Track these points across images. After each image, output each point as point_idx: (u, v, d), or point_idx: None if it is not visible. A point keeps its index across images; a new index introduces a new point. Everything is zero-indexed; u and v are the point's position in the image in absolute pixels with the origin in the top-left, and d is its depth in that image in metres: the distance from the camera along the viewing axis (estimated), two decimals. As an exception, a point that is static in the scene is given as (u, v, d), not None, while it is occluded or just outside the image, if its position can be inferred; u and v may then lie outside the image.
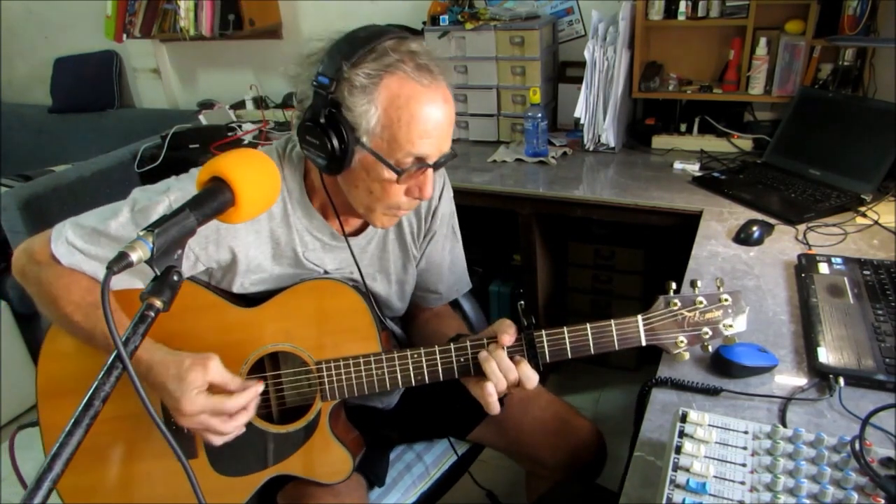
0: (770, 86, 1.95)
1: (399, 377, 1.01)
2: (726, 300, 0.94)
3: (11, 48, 3.63)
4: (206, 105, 2.91)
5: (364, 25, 0.97)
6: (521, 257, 2.12)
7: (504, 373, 0.94)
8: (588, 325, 0.95)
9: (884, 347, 0.99)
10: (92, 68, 3.32)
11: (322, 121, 0.92)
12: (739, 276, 1.29)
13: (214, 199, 0.72)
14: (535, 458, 1.25)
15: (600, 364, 2.46)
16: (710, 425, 0.80)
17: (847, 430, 0.84)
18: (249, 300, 1.07)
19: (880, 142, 1.60)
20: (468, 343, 0.98)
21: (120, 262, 0.62)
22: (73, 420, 0.56)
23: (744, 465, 0.75)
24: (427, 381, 1.00)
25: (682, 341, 0.94)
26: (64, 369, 1.06)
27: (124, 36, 2.97)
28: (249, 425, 1.00)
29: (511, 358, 0.95)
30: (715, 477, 0.73)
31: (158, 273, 0.65)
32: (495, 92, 2.22)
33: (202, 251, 1.01)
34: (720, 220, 1.56)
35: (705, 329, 0.94)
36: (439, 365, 0.99)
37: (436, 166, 0.97)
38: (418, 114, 0.91)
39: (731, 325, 0.93)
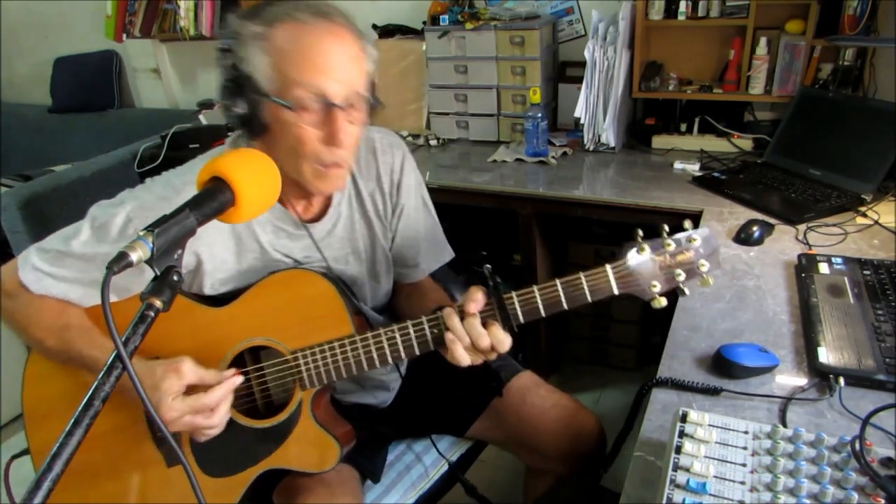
0: (770, 86, 1.95)
1: (375, 356, 0.99)
2: (695, 240, 0.90)
3: (11, 48, 3.63)
4: (206, 105, 2.90)
5: None
6: (521, 257, 2.12)
7: (475, 339, 0.92)
8: (558, 281, 0.93)
9: (884, 347, 0.99)
10: (92, 68, 3.32)
11: (228, 84, 0.95)
12: (739, 276, 1.29)
13: (214, 199, 0.72)
14: (536, 447, 1.24)
15: (600, 364, 2.46)
16: (710, 425, 0.80)
17: (847, 430, 0.84)
18: (222, 300, 1.06)
19: (880, 142, 1.60)
20: (440, 313, 0.96)
21: (120, 262, 0.62)
22: (73, 420, 0.56)
23: (744, 465, 0.75)
24: (404, 357, 0.99)
25: (655, 286, 0.91)
26: (48, 390, 1.06)
27: (124, 36, 2.97)
28: (234, 423, 1.01)
29: (485, 323, 0.93)
30: (715, 477, 0.73)
31: (158, 273, 0.65)
32: (495, 92, 2.22)
33: None
34: (720, 220, 1.56)
35: (678, 271, 0.90)
36: (413, 339, 0.97)
37: (342, 107, 0.94)
38: (308, 48, 0.91)
39: (704, 265, 0.90)
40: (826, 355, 0.99)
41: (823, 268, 1.22)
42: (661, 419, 0.92)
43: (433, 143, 2.33)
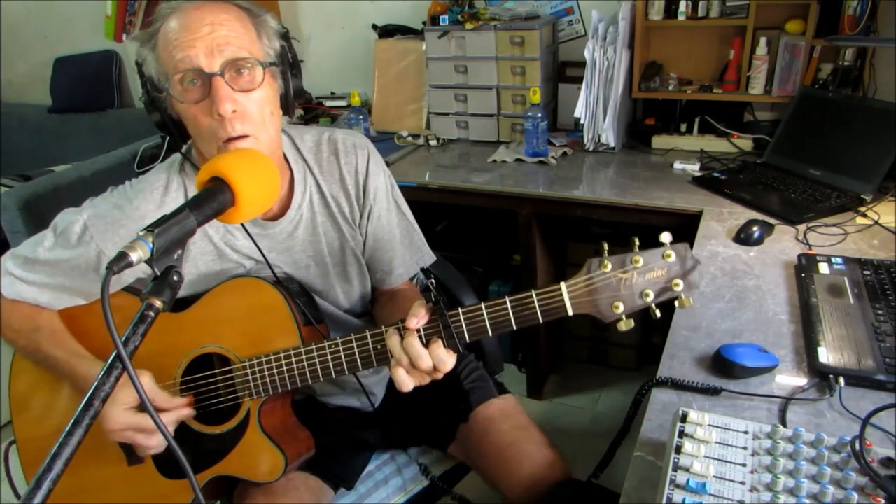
0: (770, 86, 1.95)
1: (319, 369, 0.98)
2: (669, 256, 0.80)
3: (11, 48, 3.63)
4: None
5: None
6: (521, 257, 2.12)
7: (414, 359, 0.86)
8: (507, 299, 0.86)
9: (884, 347, 0.99)
10: (92, 68, 3.32)
11: (142, 97, 0.98)
12: (739, 276, 1.29)
13: (214, 200, 0.72)
14: (493, 483, 1.20)
15: (600, 364, 2.46)
16: (710, 425, 0.80)
17: (847, 430, 0.84)
18: (181, 304, 1.06)
19: (880, 142, 1.60)
20: (384, 329, 0.92)
21: (120, 262, 0.62)
22: (73, 420, 0.57)
23: (744, 465, 0.75)
24: (348, 372, 0.97)
25: (618, 307, 0.81)
26: (31, 385, 1.10)
27: (124, 36, 2.97)
28: (186, 428, 1.03)
29: (427, 341, 0.88)
30: (715, 477, 0.73)
31: (158, 273, 0.65)
32: (495, 92, 2.22)
33: None
34: (720, 220, 1.56)
35: (646, 291, 0.80)
36: (356, 353, 0.95)
37: (218, 74, 0.90)
38: (177, 27, 0.90)
39: (678, 284, 0.80)
40: (826, 355, 0.99)
41: (823, 268, 1.22)
42: (660, 419, 0.92)
43: (433, 143, 2.33)
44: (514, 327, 0.87)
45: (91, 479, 1.07)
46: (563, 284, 0.84)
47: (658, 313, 0.82)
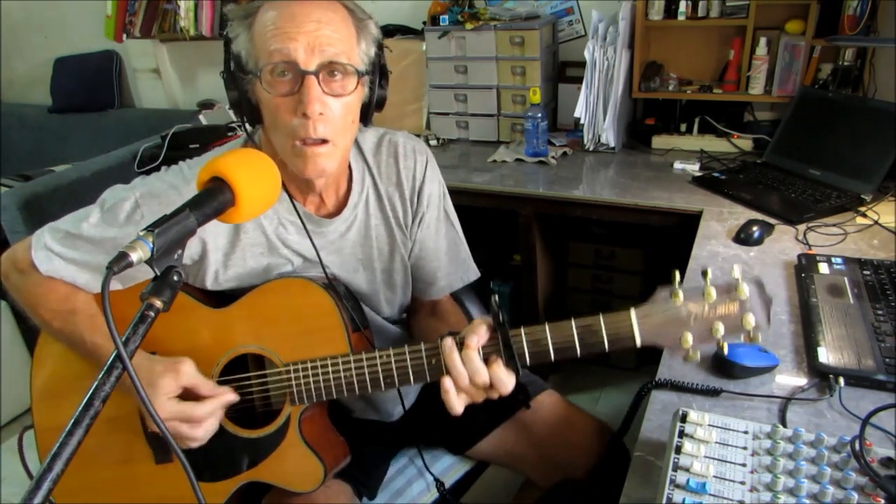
0: (770, 86, 1.95)
1: (367, 379, 0.93)
2: (743, 292, 0.77)
3: (11, 48, 3.63)
4: (206, 105, 2.90)
5: None
6: (521, 257, 2.12)
7: (471, 374, 0.84)
8: (573, 322, 0.83)
9: (884, 347, 0.99)
10: (92, 68, 3.32)
11: (224, 72, 0.94)
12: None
13: (214, 200, 0.72)
14: (562, 461, 1.18)
15: (600, 364, 2.46)
16: (710, 425, 0.80)
17: (847, 430, 0.84)
18: (220, 299, 1.04)
19: (880, 142, 1.60)
20: (440, 341, 0.89)
21: (120, 262, 0.61)
22: (73, 420, 0.57)
23: (744, 465, 0.75)
24: (398, 385, 0.93)
25: (687, 340, 0.79)
26: (56, 372, 1.06)
27: (124, 36, 2.97)
28: (222, 430, 0.98)
29: (487, 358, 0.85)
30: (715, 477, 0.73)
31: (158, 273, 0.65)
32: (495, 92, 2.22)
33: None
34: (720, 220, 1.56)
35: (717, 326, 0.78)
36: (409, 366, 0.91)
37: (313, 73, 0.87)
38: (281, 15, 0.88)
39: (750, 322, 0.77)
40: (826, 355, 0.99)
41: (823, 268, 1.22)
42: (660, 419, 0.92)
43: (433, 143, 2.33)
44: (579, 353, 0.83)
45: (116, 477, 1.04)
46: (632, 311, 0.80)
47: (725, 349, 0.80)
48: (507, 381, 0.85)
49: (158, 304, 0.64)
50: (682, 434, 0.79)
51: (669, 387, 0.98)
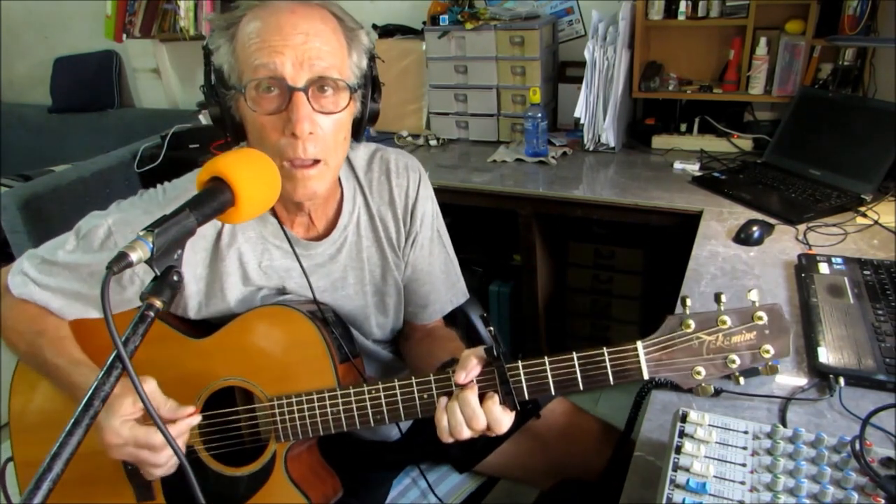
0: (770, 86, 1.95)
1: (356, 415, 0.88)
2: (760, 319, 0.72)
3: (11, 48, 3.63)
4: (206, 105, 2.90)
5: None
6: (521, 257, 2.12)
7: (468, 419, 0.79)
8: (575, 355, 0.78)
9: (884, 347, 0.99)
10: (92, 68, 3.32)
11: (204, 85, 0.89)
12: (739, 276, 1.29)
13: (214, 199, 0.71)
14: (578, 466, 1.15)
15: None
16: (710, 425, 0.80)
17: (847, 430, 0.84)
18: (202, 329, 0.99)
19: (880, 142, 1.60)
20: (432, 377, 0.85)
21: (120, 262, 0.61)
22: (73, 420, 0.56)
23: (744, 465, 0.75)
24: (388, 421, 0.88)
25: (699, 372, 0.75)
26: (32, 402, 1.02)
27: (124, 36, 2.97)
28: (203, 467, 0.94)
29: (482, 396, 0.81)
30: (715, 477, 0.73)
31: (158, 273, 0.65)
32: (495, 92, 2.22)
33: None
34: (720, 219, 1.56)
35: (732, 357, 0.73)
36: (400, 403, 0.86)
37: (301, 89, 0.82)
38: (265, 28, 0.82)
39: (768, 351, 0.73)
40: (826, 355, 0.99)
41: (823, 268, 1.22)
42: (660, 419, 0.92)
43: (433, 143, 2.33)
44: (581, 388, 0.79)
45: None
46: (639, 343, 0.76)
47: (742, 381, 0.75)
48: (503, 422, 0.81)
49: (158, 303, 0.63)
50: (682, 434, 0.79)
51: (669, 387, 0.98)
